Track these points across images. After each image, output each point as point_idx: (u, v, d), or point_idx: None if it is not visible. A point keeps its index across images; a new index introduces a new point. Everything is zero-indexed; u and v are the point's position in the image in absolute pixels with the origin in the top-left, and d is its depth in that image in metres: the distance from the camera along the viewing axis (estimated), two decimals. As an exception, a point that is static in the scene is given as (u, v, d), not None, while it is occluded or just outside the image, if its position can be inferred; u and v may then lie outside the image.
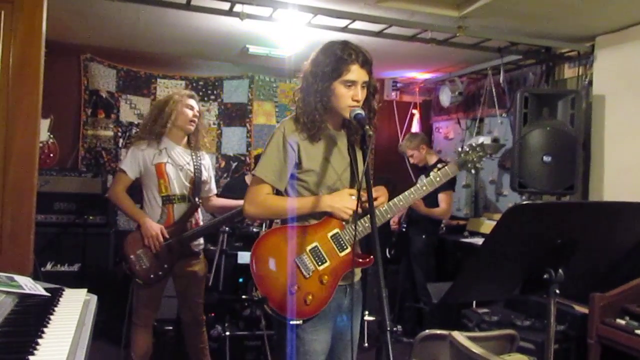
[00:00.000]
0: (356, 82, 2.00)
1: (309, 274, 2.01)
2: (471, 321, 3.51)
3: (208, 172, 3.32)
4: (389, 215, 2.10)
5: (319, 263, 2.03)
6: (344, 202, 2.03)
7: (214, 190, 3.40)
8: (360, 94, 2.01)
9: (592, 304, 2.99)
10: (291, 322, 1.98)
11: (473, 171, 2.21)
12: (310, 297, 1.99)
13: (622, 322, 2.89)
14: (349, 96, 2.00)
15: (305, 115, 2.03)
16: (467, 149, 2.19)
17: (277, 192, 2.13)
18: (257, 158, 2.48)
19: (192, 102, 3.19)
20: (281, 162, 2.05)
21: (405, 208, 2.16)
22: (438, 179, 2.13)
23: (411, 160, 4.78)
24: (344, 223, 2.07)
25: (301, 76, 2.09)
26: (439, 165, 2.19)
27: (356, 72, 1.99)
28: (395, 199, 2.10)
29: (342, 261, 2.05)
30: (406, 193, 2.10)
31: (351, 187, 2.14)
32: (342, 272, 2.06)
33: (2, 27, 2.14)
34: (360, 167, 2.11)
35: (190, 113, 3.15)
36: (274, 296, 1.99)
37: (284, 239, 2.04)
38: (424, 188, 2.12)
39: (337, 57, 1.98)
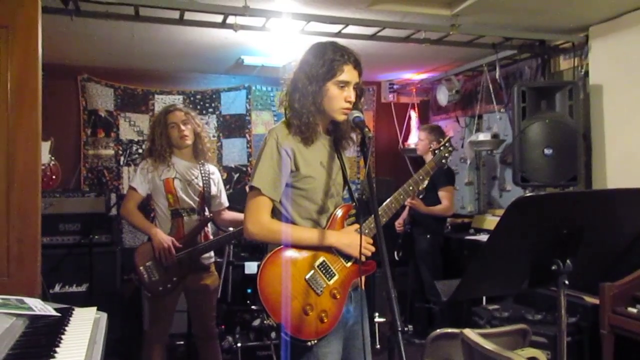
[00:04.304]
0: (349, 83, 1.98)
1: (321, 291, 1.95)
2: (482, 318, 3.50)
3: (217, 186, 3.33)
4: (384, 219, 2.11)
5: (329, 278, 1.98)
6: (352, 239, 1.98)
7: (225, 204, 3.39)
8: (353, 95, 1.99)
9: (603, 294, 2.97)
10: (308, 344, 1.91)
11: (446, 166, 2.45)
12: (324, 314, 1.93)
13: (634, 310, 2.88)
14: (342, 97, 1.97)
15: (299, 117, 1.98)
16: (441, 147, 2.33)
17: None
18: None
19: (173, 119, 3.17)
20: (275, 172, 1.97)
21: (396, 209, 2.18)
22: (421, 177, 2.22)
23: (416, 144, 4.77)
24: None
25: (290, 79, 2.05)
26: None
27: (349, 73, 1.97)
28: (387, 202, 2.13)
29: (350, 272, 2.02)
30: (396, 194, 2.14)
31: (343, 191, 2.14)
32: (350, 283, 2.03)
33: (-2, 52, 2.16)
34: (349, 172, 2.14)
35: (176, 132, 3.16)
36: (290, 321, 1.88)
37: (289, 259, 1.97)
38: (411, 188, 2.18)
39: (330, 58, 1.95)
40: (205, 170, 3.26)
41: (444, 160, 2.31)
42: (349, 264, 2.03)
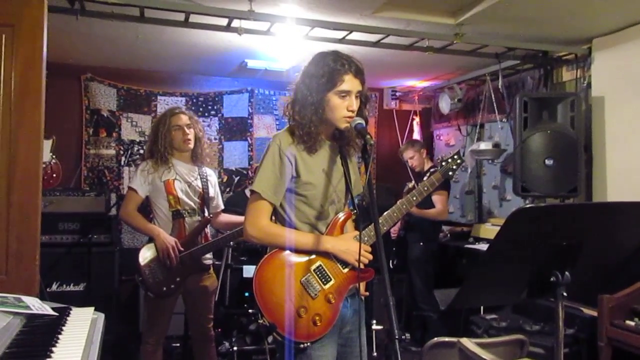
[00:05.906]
0: (350, 92, 1.99)
1: (315, 295, 1.97)
2: (480, 327, 3.49)
3: (215, 189, 3.36)
4: (385, 228, 2.13)
5: (325, 282, 2.00)
6: (349, 245, 2.01)
7: (221, 207, 3.42)
8: (355, 104, 2.00)
9: (601, 306, 2.97)
10: (301, 346, 1.94)
11: (453, 179, 2.38)
12: (318, 317, 1.95)
13: (632, 323, 2.87)
14: (343, 107, 1.98)
15: (300, 127, 2.01)
16: (448, 159, 2.31)
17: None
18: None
19: (177, 121, 3.19)
20: (277, 177, 2.01)
21: (398, 218, 2.20)
22: (426, 188, 2.22)
23: (410, 163, 4.81)
24: None
25: (293, 89, 2.07)
26: (430, 172, 2.35)
27: (350, 82, 1.98)
28: (389, 211, 2.15)
29: (346, 277, 2.04)
30: (398, 204, 2.16)
31: (346, 197, 2.14)
32: (347, 289, 2.05)
33: (3, 51, 2.16)
34: (353, 178, 2.14)
35: (180, 135, 3.17)
36: (283, 322, 1.93)
37: (286, 261, 2.00)
38: (414, 198, 2.19)
39: (331, 68, 1.97)
40: (203, 172, 3.29)
41: (450, 173, 2.29)
42: (346, 269, 2.04)
